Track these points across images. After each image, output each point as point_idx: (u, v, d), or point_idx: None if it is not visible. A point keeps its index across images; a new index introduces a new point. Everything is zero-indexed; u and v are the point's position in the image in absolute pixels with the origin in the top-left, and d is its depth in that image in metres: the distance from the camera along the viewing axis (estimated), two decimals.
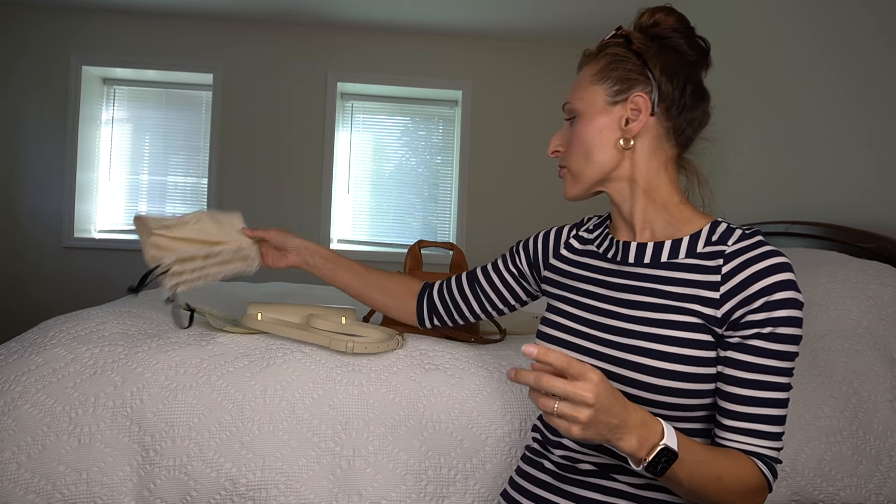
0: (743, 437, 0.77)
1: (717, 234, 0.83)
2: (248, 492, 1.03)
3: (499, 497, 0.99)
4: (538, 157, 4.16)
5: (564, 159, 0.93)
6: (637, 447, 0.68)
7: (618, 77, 0.87)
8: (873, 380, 1.23)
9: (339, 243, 4.22)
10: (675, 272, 0.83)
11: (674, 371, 0.78)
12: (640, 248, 0.88)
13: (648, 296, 0.84)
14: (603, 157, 0.88)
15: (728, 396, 0.78)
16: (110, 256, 3.97)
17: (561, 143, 0.94)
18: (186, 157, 4.14)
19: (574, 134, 0.90)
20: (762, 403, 0.76)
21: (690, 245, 0.84)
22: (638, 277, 0.86)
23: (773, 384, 0.77)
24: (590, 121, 0.88)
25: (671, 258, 0.85)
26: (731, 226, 0.84)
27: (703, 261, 0.82)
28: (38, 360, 1.11)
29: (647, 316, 0.82)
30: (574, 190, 0.92)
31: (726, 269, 0.79)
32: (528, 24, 3.88)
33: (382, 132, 4.30)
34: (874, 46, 1.86)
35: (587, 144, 0.89)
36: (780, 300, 0.76)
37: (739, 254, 0.80)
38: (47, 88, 3.90)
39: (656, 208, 0.88)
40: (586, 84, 0.90)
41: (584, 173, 0.90)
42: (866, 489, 1.14)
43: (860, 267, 1.48)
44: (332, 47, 4.08)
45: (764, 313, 0.76)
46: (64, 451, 1.02)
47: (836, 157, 2.01)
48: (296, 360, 1.13)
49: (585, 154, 0.89)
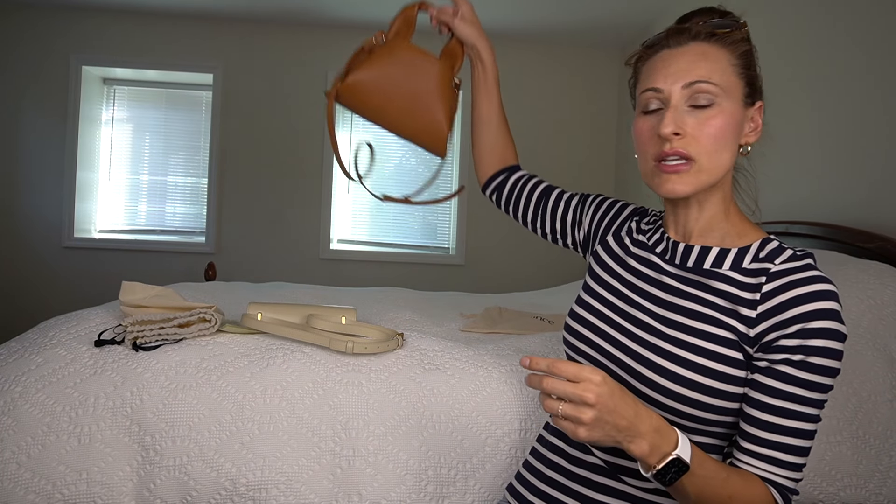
0: (760, 463, 0.75)
1: (765, 252, 0.80)
2: (248, 492, 1.03)
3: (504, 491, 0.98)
4: (538, 157, 4.16)
5: (690, 148, 0.78)
6: (648, 453, 0.67)
7: (751, 77, 0.82)
8: (873, 380, 1.23)
9: (339, 243, 4.22)
10: (715, 281, 0.81)
11: (693, 381, 0.76)
12: (686, 250, 0.85)
13: (685, 300, 0.81)
14: (730, 156, 0.80)
15: (750, 420, 0.75)
16: (110, 256, 3.97)
17: (680, 125, 0.78)
18: (186, 157, 4.14)
19: (713, 122, 0.78)
20: (785, 432, 0.74)
21: (737, 258, 0.81)
22: (679, 280, 0.84)
23: (799, 413, 0.73)
24: (731, 113, 0.79)
25: (714, 267, 0.82)
26: (782, 245, 0.81)
27: (745, 277, 0.79)
28: (38, 360, 1.11)
29: (678, 320, 0.80)
30: (693, 186, 0.79)
31: (767, 289, 0.76)
32: (525, 24, 3.88)
33: (383, 132, 4.30)
34: (874, 47, 1.86)
35: (726, 138, 0.79)
36: (817, 329, 0.72)
37: (784, 275, 0.76)
38: (47, 88, 3.90)
39: (722, 217, 0.85)
40: (728, 69, 0.80)
41: (715, 170, 0.79)
42: (866, 489, 1.14)
43: (860, 267, 1.48)
44: (332, 47, 4.08)
45: (797, 340, 0.73)
46: (64, 451, 1.02)
47: (837, 157, 2.01)
48: (296, 361, 1.13)
49: (721, 148, 0.79)
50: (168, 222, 4.14)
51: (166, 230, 4.14)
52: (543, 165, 4.10)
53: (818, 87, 2.12)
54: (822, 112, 2.09)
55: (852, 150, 1.94)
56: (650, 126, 0.82)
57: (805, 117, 2.18)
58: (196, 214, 4.14)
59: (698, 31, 0.81)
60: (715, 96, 0.78)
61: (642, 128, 0.83)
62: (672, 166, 0.79)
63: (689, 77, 0.78)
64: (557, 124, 4.20)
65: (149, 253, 3.99)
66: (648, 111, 0.82)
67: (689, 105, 0.79)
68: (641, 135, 0.83)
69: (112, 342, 1.15)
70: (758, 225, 0.87)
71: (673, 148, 0.78)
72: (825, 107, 2.08)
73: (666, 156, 0.79)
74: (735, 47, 0.81)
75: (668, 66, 0.80)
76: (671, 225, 0.89)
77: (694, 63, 0.79)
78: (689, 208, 0.85)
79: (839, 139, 2.00)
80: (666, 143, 0.78)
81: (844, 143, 1.98)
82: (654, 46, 0.84)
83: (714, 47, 0.80)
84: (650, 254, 0.90)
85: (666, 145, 0.78)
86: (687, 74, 0.79)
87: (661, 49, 0.83)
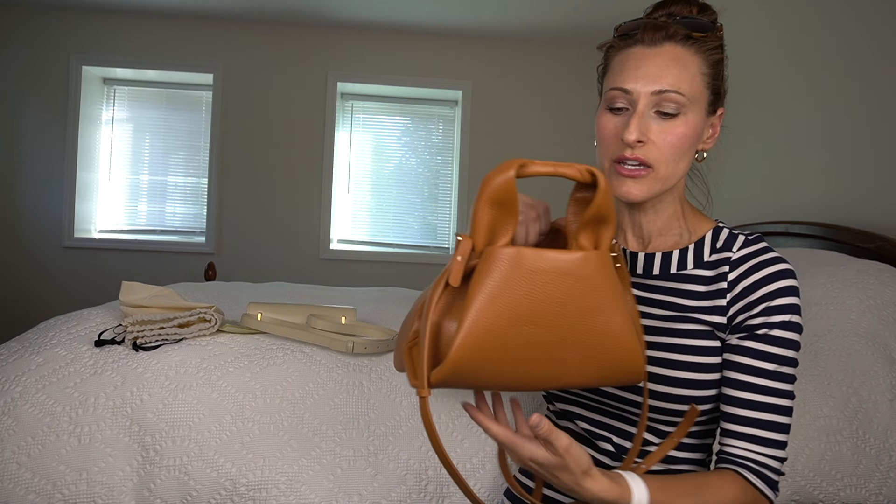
0: (742, 443, 0.76)
1: (720, 241, 0.83)
2: (249, 492, 1.03)
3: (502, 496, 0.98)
4: (538, 157, 4.16)
5: (650, 155, 0.78)
6: None
7: (718, 87, 0.82)
8: (873, 380, 1.23)
9: (339, 243, 4.22)
10: (685, 284, 0.83)
11: (684, 379, 0.77)
12: (648, 260, 0.86)
13: (660, 308, 0.83)
14: (686, 164, 0.82)
15: (728, 399, 0.77)
16: (110, 256, 3.97)
17: (645, 133, 0.78)
18: (186, 157, 4.14)
19: (676, 131, 0.78)
20: (759, 408, 0.76)
21: (697, 254, 0.84)
22: (648, 289, 0.85)
23: (771, 389, 0.76)
24: (694, 124, 0.79)
25: (680, 269, 0.84)
26: (732, 231, 0.84)
27: (710, 270, 0.82)
28: (38, 360, 1.10)
29: (660, 326, 0.81)
30: (648, 192, 0.80)
31: (732, 276, 0.80)
32: (528, 24, 3.88)
33: (382, 132, 4.30)
34: (874, 48, 1.86)
35: (685, 147, 0.79)
36: (778, 305, 0.77)
37: (745, 260, 0.80)
38: (47, 88, 3.90)
39: (679, 216, 0.86)
40: (697, 78, 0.79)
41: (671, 178, 0.80)
42: (866, 489, 1.14)
43: (860, 267, 1.48)
44: (332, 47, 4.08)
45: (762, 317, 0.77)
46: (64, 451, 1.02)
47: (836, 157, 2.01)
48: (296, 361, 1.13)
49: (680, 157, 0.79)
50: (168, 222, 4.14)
51: (166, 230, 4.14)
52: None
53: (818, 87, 2.12)
54: (822, 112, 2.09)
55: (852, 150, 1.94)
56: (615, 126, 0.81)
57: (805, 117, 2.18)
58: (196, 214, 4.14)
59: (675, 31, 0.79)
60: (682, 106, 0.78)
61: (606, 125, 0.82)
62: (630, 170, 0.79)
63: (660, 84, 0.77)
64: (550, 123, 4.20)
65: (149, 253, 3.99)
66: (614, 108, 0.82)
67: (654, 111, 0.78)
68: (605, 132, 0.82)
69: (112, 342, 1.15)
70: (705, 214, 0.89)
71: (634, 154, 0.78)
72: (825, 107, 2.08)
73: (626, 160, 0.79)
74: (708, 55, 0.80)
75: (640, 68, 0.79)
76: (629, 229, 0.89)
77: (666, 68, 0.78)
78: (644, 212, 0.86)
79: (839, 139, 2.00)
80: (627, 148, 0.78)
81: (844, 143, 1.98)
82: (627, 38, 0.82)
83: (688, 52, 0.79)
84: None
85: (627, 150, 0.78)
86: (658, 80, 0.77)
87: (635, 44, 0.80)
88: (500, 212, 0.60)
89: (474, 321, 0.56)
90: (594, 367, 0.62)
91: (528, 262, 0.58)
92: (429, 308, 0.59)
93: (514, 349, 0.57)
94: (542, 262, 0.59)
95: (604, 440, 0.85)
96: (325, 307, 1.30)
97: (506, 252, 0.58)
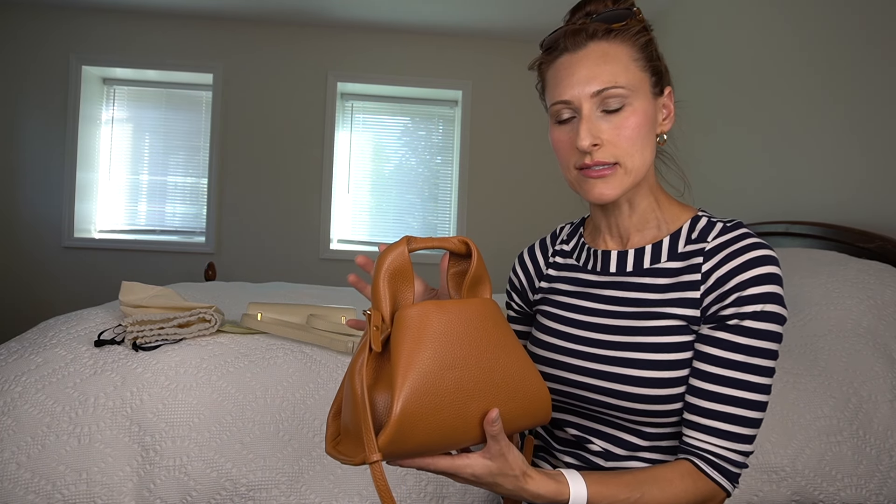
0: (701, 434, 0.74)
1: (696, 231, 0.81)
2: (249, 492, 1.03)
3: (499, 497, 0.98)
4: (538, 157, 4.16)
5: (610, 153, 0.78)
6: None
7: (656, 67, 0.81)
8: (873, 380, 1.23)
9: (339, 243, 4.22)
10: (658, 278, 0.81)
11: (655, 379, 0.76)
12: (620, 257, 0.85)
13: (633, 306, 0.81)
14: (650, 151, 0.80)
15: (692, 390, 0.75)
16: (110, 256, 3.97)
17: (597, 136, 0.78)
18: (186, 157, 4.14)
19: (628, 123, 0.77)
20: (725, 401, 0.73)
21: (671, 247, 0.82)
22: (622, 287, 0.83)
23: (739, 382, 0.73)
24: (643, 110, 0.78)
25: (654, 264, 0.82)
26: (711, 219, 0.81)
27: (682, 261, 0.80)
28: (38, 360, 1.10)
29: (632, 325, 0.80)
30: (620, 188, 0.79)
31: (706, 268, 0.77)
32: (528, 24, 3.88)
33: (382, 132, 4.30)
34: (875, 48, 1.86)
35: (643, 134, 0.78)
36: (751, 295, 0.73)
37: (719, 249, 0.77)
38: (47, 88, 3.90)
39: (655, 206, 0.85)
40: (631, 66, 0.78)
41: (639, 169, 0.79)
42: (866, 489, 1.14)
43: (860, 267, 1.48)
44: (332, 47, 4.08)
45: (733, 308, 0.74)
46: (64, 451, 1.02)
47: (836, 157, 2.01)
48: (296, 361, 1.13)
49: (642, 146, 0.79)
50: (168, 222, 4.14)
51: (166, 230, 4.14)
52: (543, 164, 4.09)
53: (819, 87, 2.12)
54: (823, 112, 2.09)
55: (853, 150, 1.94)
56: (567, 137, 0.80)
57: (806, 118, 2.18)
58: (196, 214, 4.14)
59: (595, 29, 0.78)
60: (625, 98, 0.77)
61: (560, 138, 0.81)
62: (597, 171, 0.79)
63: (596, 84, 0.77)
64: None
65: (149, 253, 3.99)
66: (562, 121, 0.81)
67: (601, 111, 0.78)
68: (560, 145, 0.82)
69: (112, 342, 1.15)
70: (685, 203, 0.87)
71: (594, 159, 0.78)
72: (826, 107, 2.08)
73: (588, 167, 0.79)
74: (635, 41, 0.79)
75: (572, 75, 0.78)
76: (606, 231, 0.88)
77: (596, 67, 0.77)
78: (619, 209, 0.85)
79: (840, 140, 2.00)
80: (586, 155, 0.78)
81: (845, 143, 1.98)
82: (553, 51, 0.82)
83: (613, 45, 0.78)
84: (583, 273, 0.89)
85: (586, 157, 0.78)
86: (592, 81, 0.77)
87: (562, 54, 0.80)
88: (399, 281, 0.66)
89: (405, 376, 0.60)
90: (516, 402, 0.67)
91: (435, 314, 0.64)
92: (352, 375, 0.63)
93: (446, 393, 0.62)
94: (447, 311, 0.65)
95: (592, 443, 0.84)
96: (324, 307, 1.30)
97: (414, 310, 0.64)
